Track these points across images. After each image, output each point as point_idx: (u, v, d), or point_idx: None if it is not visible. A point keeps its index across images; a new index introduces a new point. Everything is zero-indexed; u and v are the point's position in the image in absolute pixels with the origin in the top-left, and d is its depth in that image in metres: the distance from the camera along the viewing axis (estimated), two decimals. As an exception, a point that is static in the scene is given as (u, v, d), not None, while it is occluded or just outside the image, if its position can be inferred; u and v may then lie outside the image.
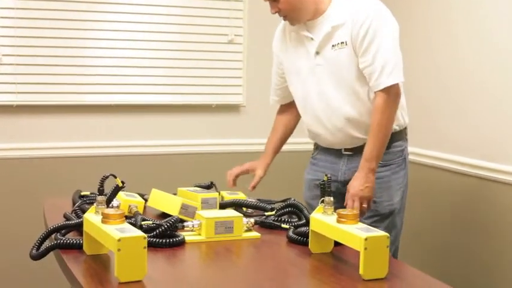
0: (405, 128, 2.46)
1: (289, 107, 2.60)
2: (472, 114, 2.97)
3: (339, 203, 2.21)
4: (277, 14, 2.35)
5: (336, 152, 2.46)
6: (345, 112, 2.34)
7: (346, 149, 2.43)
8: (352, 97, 2.32)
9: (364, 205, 2.26)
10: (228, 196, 2.33)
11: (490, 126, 2.87)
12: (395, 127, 2.36)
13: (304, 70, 2.40)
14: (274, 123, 2.65)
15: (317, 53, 2.34)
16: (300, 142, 2.86)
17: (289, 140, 2.65)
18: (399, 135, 2.41)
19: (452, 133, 3.12)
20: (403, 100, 2.37)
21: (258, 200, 2.37)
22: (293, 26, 2.38)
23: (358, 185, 2.24)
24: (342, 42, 2.28)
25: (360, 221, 1.74)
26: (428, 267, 2.99)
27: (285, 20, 2.37)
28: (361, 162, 2.28)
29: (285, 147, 2.63)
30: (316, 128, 2.44)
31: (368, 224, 1.75)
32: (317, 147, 2.56)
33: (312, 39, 2.35)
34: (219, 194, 2.31)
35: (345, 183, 2.35)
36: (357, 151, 2.38)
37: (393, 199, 2.39)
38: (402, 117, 2.40)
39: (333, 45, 2.30)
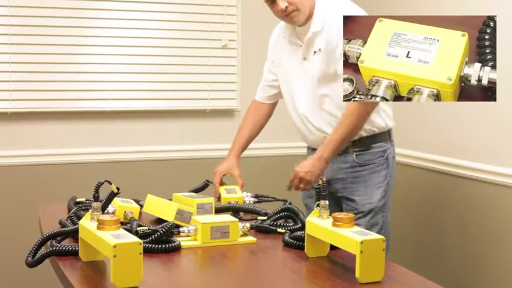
0: (388, 131, 2.52)
1: (265, 106, 2.68)
2: (458, 115, 2.99)
3: None
4: (270, 18, 2.39)
5: None
6: (325, 116, 2.43)
7: None
8: (329, 102, 2.40)
9: (302, 185, 2.34)
10: (227, 196, 2.36)
11: (476, 126, 2.89)
12: (374, 129, 2.45)
13: (294, 75, 2.48)
14: (246, 119, 2.69)
15: (304, 58, 2.43)
16: (295, 146, 2.87)
17: (286, 144, 2.66)
18: (380, 137, 2.48)
19: (438, 134, 3.14)
20: (384, 104, 2.44)
21: (256, 195, 2.39)
22: (293, 24, 2.40)
23: (305, 166, 2.33)
24: (320, 49, 2.36)
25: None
26: (417, 268, 3.00)
27: (288, 17, 2.36)
28: (318, 149, 2.35)
29: (281, 151, 2.61)
30: (303, 130, 2.53)
31: None
32: (308, 147, 2.64)
33: (300, 45, 2.43)
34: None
35: (328, 182, 2.40)
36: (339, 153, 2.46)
37: (372, 198, 2.45)
38: (383, 120, 2.47)
39: (314, 52, 2.39)
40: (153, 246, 1.82)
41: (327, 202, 1.80)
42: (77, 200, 2.33)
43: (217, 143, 3.54)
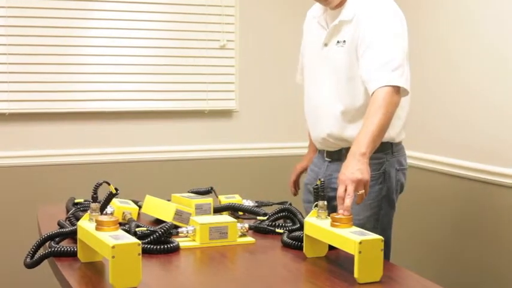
0: (391, 143, 2.30)
1: None
2: (469, 117, 2.97)
3: None
4: (269, 18, 2.35)
5: (321, 157, 2.43)
6: (333, 109, 2.28)
7: (327, 155, 2.38)
8: (342, 96, 2.26)
9: (362, 191, 1.91)
10: (225, 200, 2.35)
11: (487, 128, 2.86)
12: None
13: (314, 60, 2.37)
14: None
15: (325, 44, 2.29)
16: (297, 146, 2.84)
17: (287, 144, 2.58)
18: (378, 148, 2.12)
19: (449, 136, 3.12)
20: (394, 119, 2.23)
21: (257, 202, 2.38)
22: (326, 5, 2.27)
23: (347, 169, 1.94)
24: (344, 41, 2.22)
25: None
26: (428, 272, 2.99)
27: None
28: (350, 150, 2.01)
29: (283, 152, 2.53)
30: (309, 122, 2.42)
31: None
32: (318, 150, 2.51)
33: (326, 29, 2.30)
34: (217, 197, 2.34)
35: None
36: (334, 159, 2.34)
37: (360, 214, 2.18)
38: (388, 134, 2.17)
39: (338, 41, 2.25)
40: (152, 247, 1.82)
41: (325, 202, 1.80)
42: (76, 200, 2.33)
43: (215, 144, 3.55)
